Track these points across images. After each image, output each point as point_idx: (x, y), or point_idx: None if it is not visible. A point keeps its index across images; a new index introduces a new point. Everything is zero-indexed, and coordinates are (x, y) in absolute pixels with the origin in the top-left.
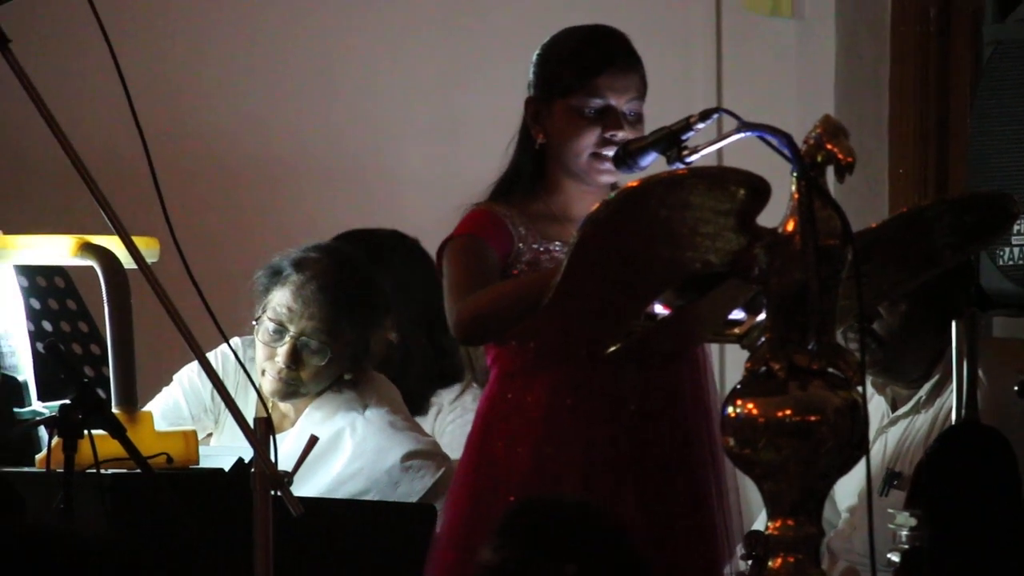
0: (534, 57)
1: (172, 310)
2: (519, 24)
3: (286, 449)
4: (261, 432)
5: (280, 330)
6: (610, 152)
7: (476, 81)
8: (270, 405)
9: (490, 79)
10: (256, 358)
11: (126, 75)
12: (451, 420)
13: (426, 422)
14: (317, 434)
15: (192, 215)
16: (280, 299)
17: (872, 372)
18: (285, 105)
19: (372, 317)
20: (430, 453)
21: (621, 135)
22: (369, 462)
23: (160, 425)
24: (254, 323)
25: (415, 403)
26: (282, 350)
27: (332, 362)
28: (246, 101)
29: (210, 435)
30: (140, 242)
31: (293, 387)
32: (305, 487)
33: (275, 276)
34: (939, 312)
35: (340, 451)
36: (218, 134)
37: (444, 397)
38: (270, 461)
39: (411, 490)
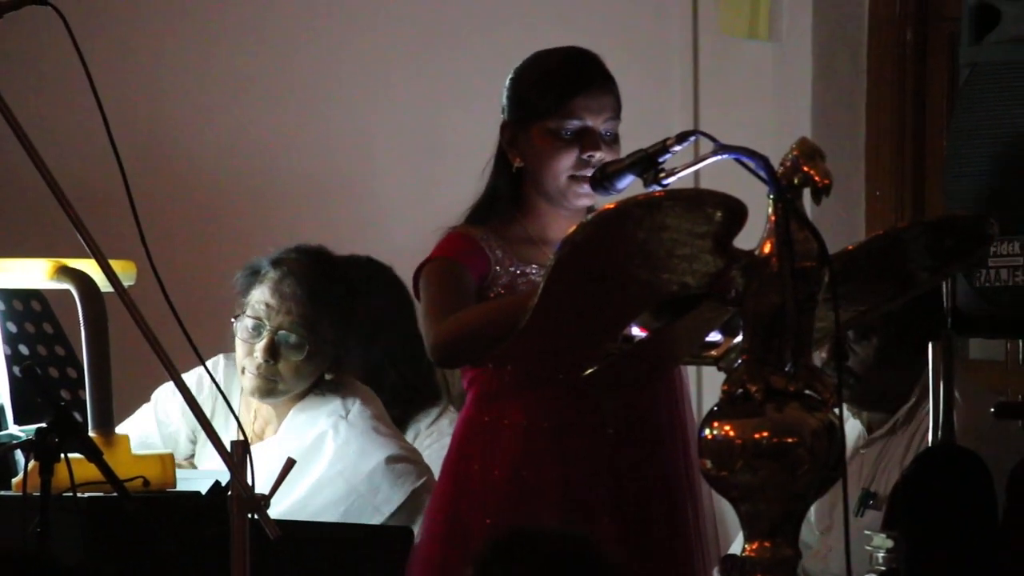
0: (507, 82)
1: (149, 333)
2: (499, 48)
3: (269, 455)
4: (238, 455)
5: (259, 326)
6: (588, 173)
7: (456, 104)
8: (252, 412)
9: (470, 102)
10: (236, 358)
11: (106, 98)
12: (428, 444)
13: None
14: (299, 438)
15: (169, 238)
16: (259, 296)
17: (850, 406)
18: (265, 127)
19: (350, 316)
20: (412, 460)
21: (599, 155)
22: (351, 464)
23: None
24: (233, 320)
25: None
26: (260, 345)
27: (311, 357)
28: (225, 123)
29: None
30: (117, 265)
31: (272, 383)
32: (287, 493)
33: (254, 275)
34: (911, 343)
35: (322, 453)
36: (195, 157)
37: (422, 421)
38: (247, 484)
39: (391, 496)
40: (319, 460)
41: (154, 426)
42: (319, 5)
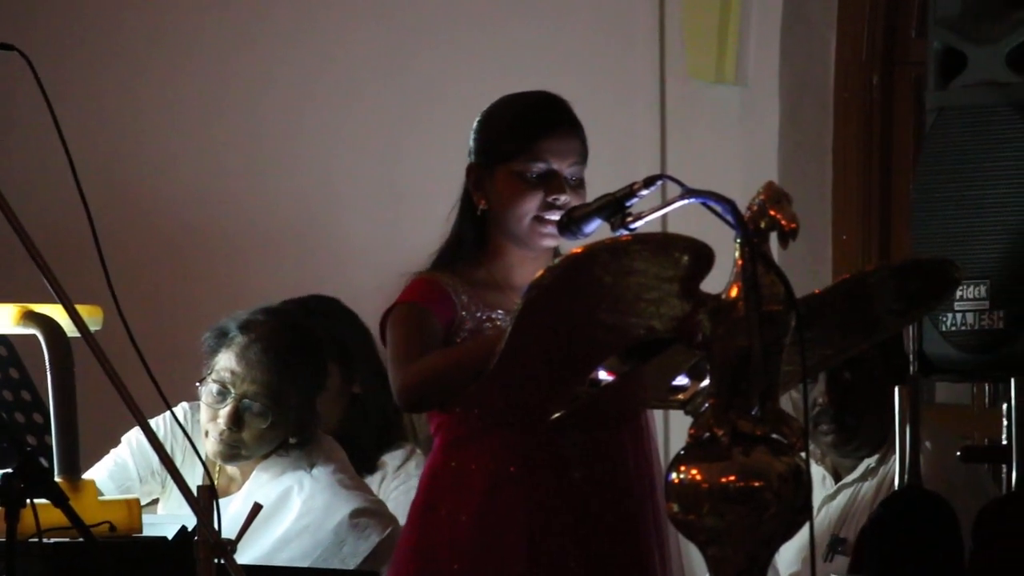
0: (475, 124)
1: (115, 378)
2: (465, 92)
3: (233, 512)
4: (204, 500)
5: (223, 392)
6: (553, 216)
7: (420, 148)
8: (217, 469)
9: (434, 146)
10: (200, 419)
11: (72, 142)
12: (395, 487)
13: (371, 487)
14: (264, 495)
15: (136, 283)
16: (224, 361)
17: (833, 453)
18: (229, 174)
19: (317, 381)
20: (377, 512)
21: (564, 199)
22: (316, 519)
23: (107, 486)
24: (198, 384)
25: (367, 461)
26: (224, 411)
27: (274, 425)
28: (190, 171)
29: (157, 500)
30: (83, 310)
31: (235, 449)
32: (253, 547)
33: (221, 337)
34: (880, 389)
35: (288, 510)
36: (162, 203)
37: (389, 464)
38: (213, 529)
39: (356, 549)
40: (285, 515)
41: (131, 460)
42: (284, 49)
